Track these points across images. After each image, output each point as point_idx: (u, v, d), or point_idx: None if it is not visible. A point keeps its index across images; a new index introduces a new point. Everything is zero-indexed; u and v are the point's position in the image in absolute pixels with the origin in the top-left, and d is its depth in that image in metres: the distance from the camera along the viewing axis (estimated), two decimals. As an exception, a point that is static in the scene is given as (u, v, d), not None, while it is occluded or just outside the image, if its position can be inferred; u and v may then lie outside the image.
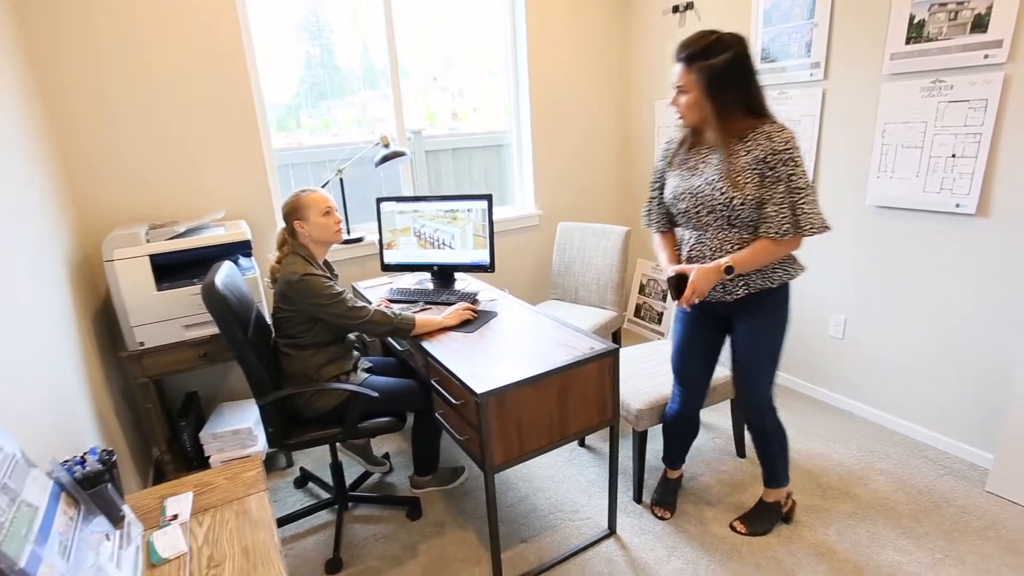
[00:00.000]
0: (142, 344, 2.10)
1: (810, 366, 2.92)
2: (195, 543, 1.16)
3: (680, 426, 2.05)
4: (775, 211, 1.57)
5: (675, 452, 2.12)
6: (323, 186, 2.77)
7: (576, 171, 3.62)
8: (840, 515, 2.09)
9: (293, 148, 2.92)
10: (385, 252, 2.61)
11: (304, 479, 2.46)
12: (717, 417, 2.77)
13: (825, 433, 2.60)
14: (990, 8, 2.01)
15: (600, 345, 1.85)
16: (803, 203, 1.56)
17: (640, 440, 2.16)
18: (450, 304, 2.33)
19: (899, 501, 2.15)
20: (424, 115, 3.24)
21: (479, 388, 1.61)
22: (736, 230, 1.65)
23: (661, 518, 2.13)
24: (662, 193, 1.81)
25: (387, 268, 2.64)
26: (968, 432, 2.36)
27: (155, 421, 2.19)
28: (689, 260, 1.76)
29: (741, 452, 2.46)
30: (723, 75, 1.51)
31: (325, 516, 2.25)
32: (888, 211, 2.44)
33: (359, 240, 2.96)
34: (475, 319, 2.14)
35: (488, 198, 2.44)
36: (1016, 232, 2.09)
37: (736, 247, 1.65)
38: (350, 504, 2.30)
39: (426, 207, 2.53)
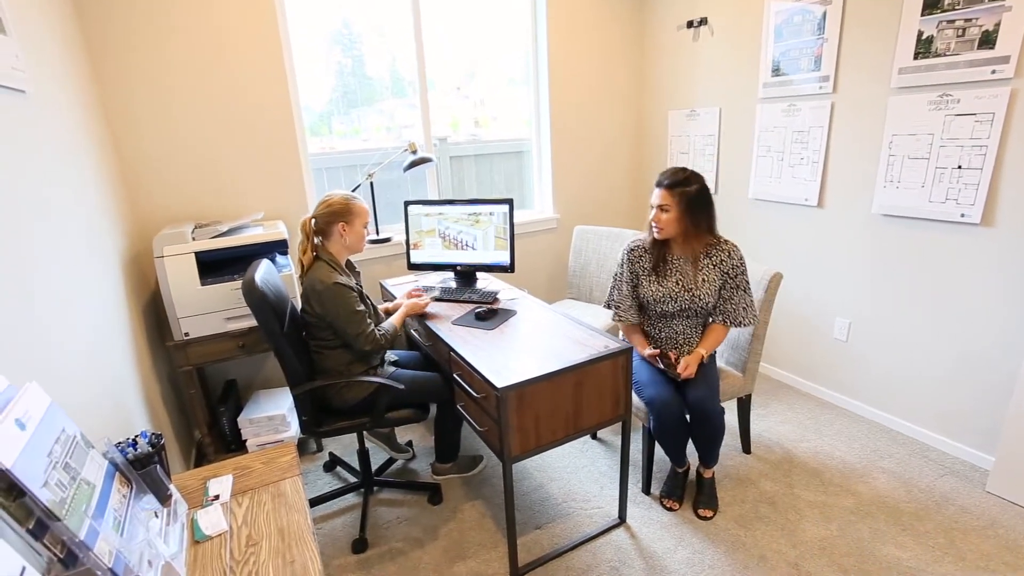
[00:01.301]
0: (187, 334, 2.14)
1: (814, 367, 2.88)
2: (235, 523, 1.18)
3: (669, 429, 1.99)
4: (732, 307, 2.02)
5: (675, 451, 2.09)
6: (355, 189, 2.79)
7: (593, 177, 3.60)
8: (842, 511, 2.06)
9: (326, 153, 2.95)
10: (412, 252, 2.63)
11: (333, 463, 2.49)
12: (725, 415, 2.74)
13: (829, 432, 2.57)
14: (998, 25, 1.96)
15: (614, 344, 1.84)
16: (750, 299, 2.02)
17: (649, 435, 2.15)
18: (471, 302, 2.34)
19: (900, 499, 2.11)
20: (449, 122, 3.25)
21: (500, 383, 1.62)
22: (697, 319, 2.07)
23: (670, 509, 2.12)
24: (636, 290, 2.12)
25: (413, 267, 2.65)
26: (970, 434, 2.31)
27: (197, 406, 2.23)
28: (662, 342, 2.11)
29: (747, 448, 2.44)
30: (696, 199, 1.94)
31: (352, 499, 2.28)
32: (894, 219, 2.40)
33: (387, 240, 2.98)
34: (424, 306, 2.21)
35: (509, 202, 2.44)
36: (1020, 241, 2.04)
37: (695, 329, 2.08)
38: (375, 488, 2.33)
39: (451, 210, 2.54)
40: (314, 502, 2.21)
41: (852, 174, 2.51)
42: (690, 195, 1.94)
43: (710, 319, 2.08)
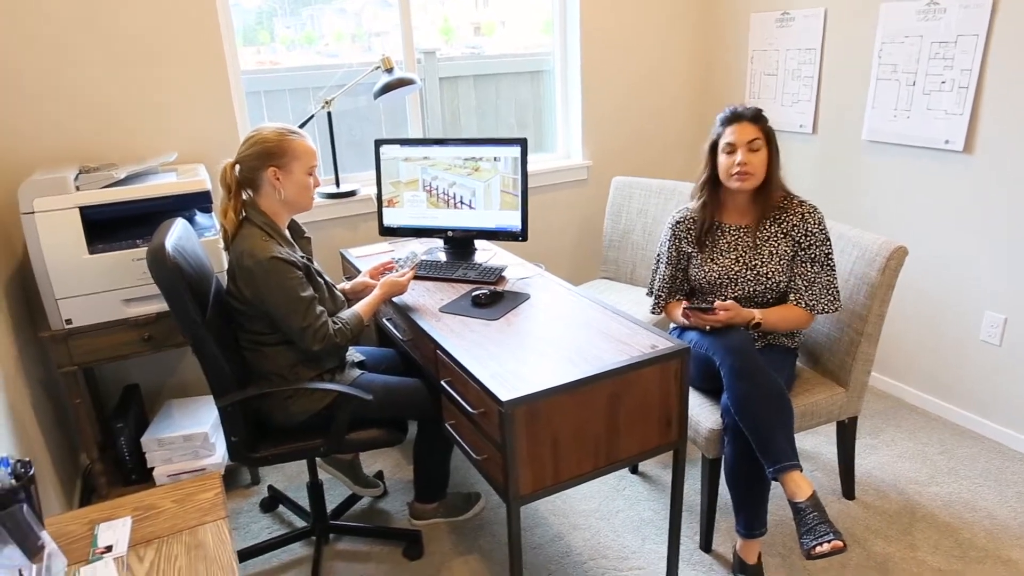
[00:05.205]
0: (69, 322, 2.13)
1: (952, 381, 2.85)
2: (134, 583, 1.18)
3: (757, 371, 1.93)
4: (804, 284, 2.11)
5: (763, 425, 1.90)
6: (304, 124, 2.76)
7: (639, 108, 3.57)
8: (985, 583, 2.05)
9: (265, 69, 2.92)
10: (385, 211, 2.62)
11: (273, 501, 2.51)
12: (818, 443, 2.73)
13: (970, 473, 2.55)
14: None
15: (665, 342, 1.83)
16: (829, 278, 2.10)
17: (711, 469, 2.14)
18: (467, 281, 2.32)
19: (1069, 568, 2.09)
20: (439, 29, 3.21)
21: (505, 394, 1.61)
22: (766, 306, 2.16)
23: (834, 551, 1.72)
24: (684, 273, 2.31)
25: (387, 232, 2.64)
26: None
27: (84, 421, 2.23)
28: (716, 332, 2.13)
29: (849, 492, 2.42)
30: (774, 138, 2.10)
31: (299, 550, 2.29)
32: (1072, 172, 2.34)
33: (351, 195, 2.97)
34: (404, 288, 2.13)
35: (521, 143, 2.42)
36: None
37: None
38: (331, 536, 2.34)
39: (440, 153, 2.52)
40: (246, 554, 2.23)
41: (1019, 104, 2.45)
42: (771, 132, 2.11)
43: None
